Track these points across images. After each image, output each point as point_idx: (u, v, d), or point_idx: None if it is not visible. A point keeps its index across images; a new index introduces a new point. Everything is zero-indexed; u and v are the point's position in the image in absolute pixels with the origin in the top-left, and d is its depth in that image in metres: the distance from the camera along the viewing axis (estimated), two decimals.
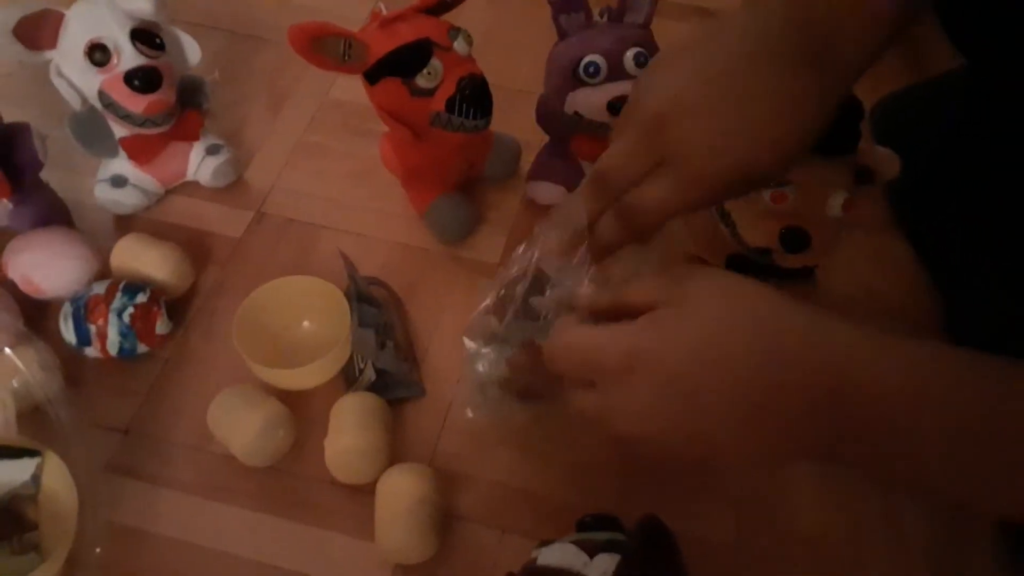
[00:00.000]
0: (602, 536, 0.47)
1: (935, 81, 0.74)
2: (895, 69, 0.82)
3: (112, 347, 0.61)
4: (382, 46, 0.61)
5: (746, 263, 0.59)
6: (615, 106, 0.61)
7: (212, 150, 0.73)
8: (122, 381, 0.63)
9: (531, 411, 0.54)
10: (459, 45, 0.62)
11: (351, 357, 0.62)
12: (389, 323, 0.60)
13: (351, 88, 0.65)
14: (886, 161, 0.54)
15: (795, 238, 0.54)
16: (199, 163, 0.73)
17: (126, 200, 0.71)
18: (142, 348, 0.62)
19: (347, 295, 0.62)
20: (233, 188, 0.75)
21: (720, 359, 0.37)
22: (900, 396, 0.36)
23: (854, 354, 0.37)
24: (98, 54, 0.65)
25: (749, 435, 0.37)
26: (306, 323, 0.65)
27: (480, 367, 0.51)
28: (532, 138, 0.72)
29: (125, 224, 0.72)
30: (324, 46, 0.60)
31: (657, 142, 0.43)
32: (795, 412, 0.36)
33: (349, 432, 0.56)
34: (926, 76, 0.78)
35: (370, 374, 0.61)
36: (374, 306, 0.60)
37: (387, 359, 0.60)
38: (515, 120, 0.71)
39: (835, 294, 0.65)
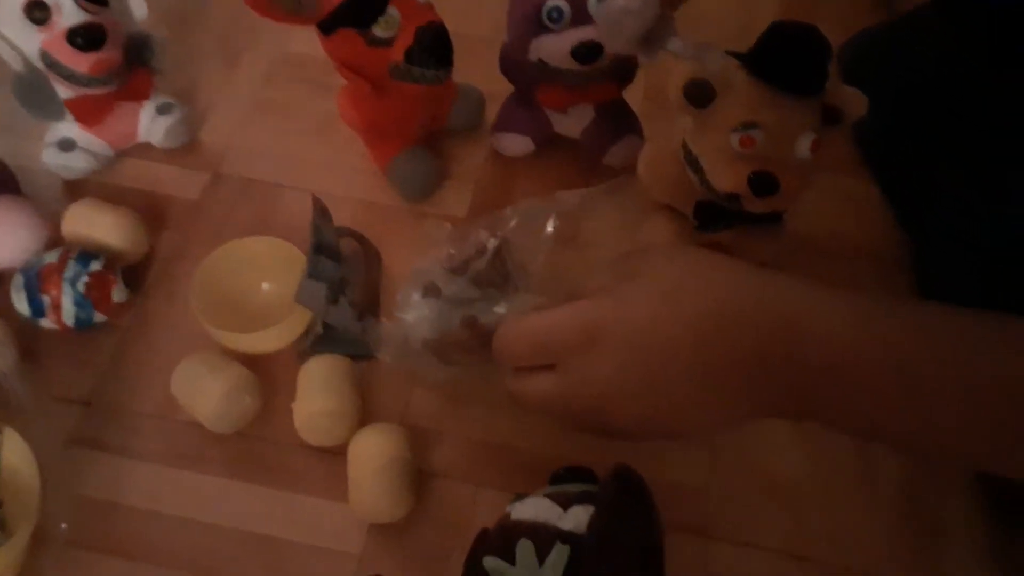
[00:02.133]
0: (576, 488, 0.47)
1: (904, 19, 0.74)
2: (864, 7, 0.81)
3: (68, 318, 0.60)
4: None
5: (715, 209, 0.59)
6: (579, 52, 0.60)
7: (163, 109, 0.71)
8: (80, 352, 0.62)
9: (449, 372, 0.55)
10: None
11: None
12: (347, 278, 0.59)
13: (309, 41, 0.63)
14: (853, 101, 0.54)
15: (764, 182, 0.53)
16: (150, 123, 0.71)
17: (75, 164, 0.69)
18: (99, 317, 0.61)
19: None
20: (188, 148, 0.73)
21: (676, 322, 0.38)
22: (853, 350, 0.36)
23: (806, 311, 0.37)
24: (37, 11, 0.62)
25: (709, 396, 0.38)
26: (265, 285, 0.64)
27: (410, 317, 0.52)
28: (497, 88, 0.71)
29: (76, 189, 0.70)
30: None
31: None
32: (752, 370, 0.37)
33: (318, 395, 0.56)
34: (896, 14, 0.78)
35: (317, 328, 0.60)
36: (333, 259, 0.59)
37: (337, 315, 0.59)
38: (478, 69, 0.70)
39: (802, 237, 0.65)
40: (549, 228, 0.53)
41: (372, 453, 0.54)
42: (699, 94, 0.53)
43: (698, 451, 0.58)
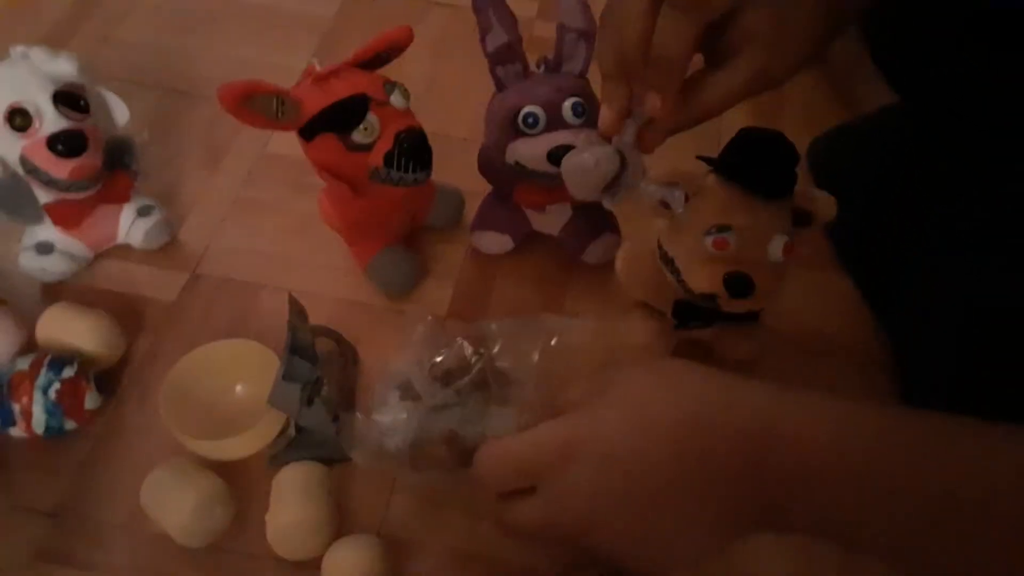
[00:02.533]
0: None
1: (871, 118, 0.76)
2: (828, 108, 0.85)
3: (38, 426, 0.59)
4: (316, 103, 0.61)
5: (693, 309, 0.60)
6: (555, 156, 0.62)
7: (143, 211, 0.72)
8: (49, 461, 0.60)
9: (425, 476, 0.55)
10: (396, 99, 0.62)
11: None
12: (322, 379, 0.59)
13: (289, 142, 0.64)
14: (824, 204, 0.55)
15: (739, 283, 0.54)
16: (130, 225, 0.71)
17: (53, 268, 0.69)
18: (70, 425, 0.60)
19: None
20: (167, 249, 0.73)
21: (647, 434, 0.38)
22: (826, 452, 0.36)
23: (779, 414, 0.37)
24: (18, 119, 0.63)
25: (690, 506, 0.38)
26: (239, 388, 0.64)
27: (386, 419, 0.52)
28: (476, 187, 0.72)
29: (53, 291, 0.69)
30: (256, 104, 0.59)
31: None
32: (729, 475, 0.37)
33: (292, 505, 0.55)
34: (856, 112, 0.81)
35: (291, 431, 0.59)
36: (309, 359, 0.58)
37: (311, 417, 0.58)
38: (458, 169, 0.71)
39: (781, 334, 0.66)
40: (535, 358, 0.53)
41: (347, 568, 0.52)
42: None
43: None
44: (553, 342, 0.54)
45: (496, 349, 0.54)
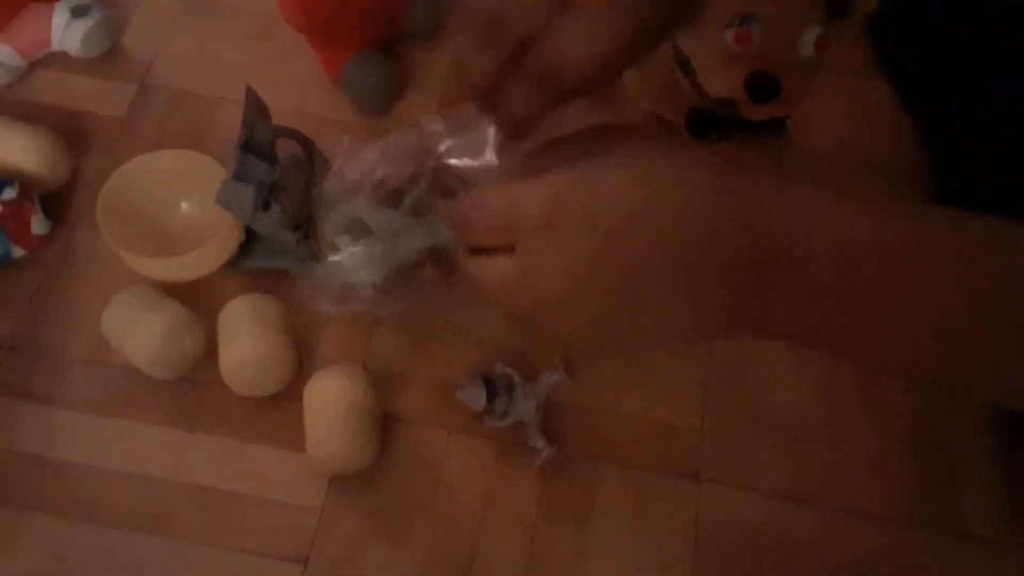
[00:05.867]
0: None
1: None
2: None
3: None
4: None
5: (709, 117, 0.56)
6: None
7: (78, 11, 0.66)
8: (0, 291, 0.59)
9: (401, 306, 0.53)
10: None
11: None
12: (282, 184, 0.56)
13: None
14: None
15: (763, 85, 0.51)
16: (64, 28, 0.66)
17: None
18: (18, 252, 0.58)
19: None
20: (109, 57, 0.68)
21: (656, 215, 0.35)
22: (837, 254, 0.35)
23: (793, 206, 0.36)
24: None
25: (681, 298, 0.36)
26: (184, 205, 0.61)
27: (345, 261, 0.49)
28: None
29: None
30: None
31: None
32: (730, 273, 0.35)
33: (241, 339, 0.54)
34: None
35: (240, 234, 0.58)
36: (266, 160, 0.55)
37: (266, 223, 0.55)
38: None
39: (809, 150, 0.63)
40: (489, 154, 0.45)
41: (330, 399, 0.52)
42: None
43: (689, 386, 0.57)
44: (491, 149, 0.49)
45: (445, 147, 0.49)
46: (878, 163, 0.64)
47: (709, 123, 0.57)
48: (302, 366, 0.56)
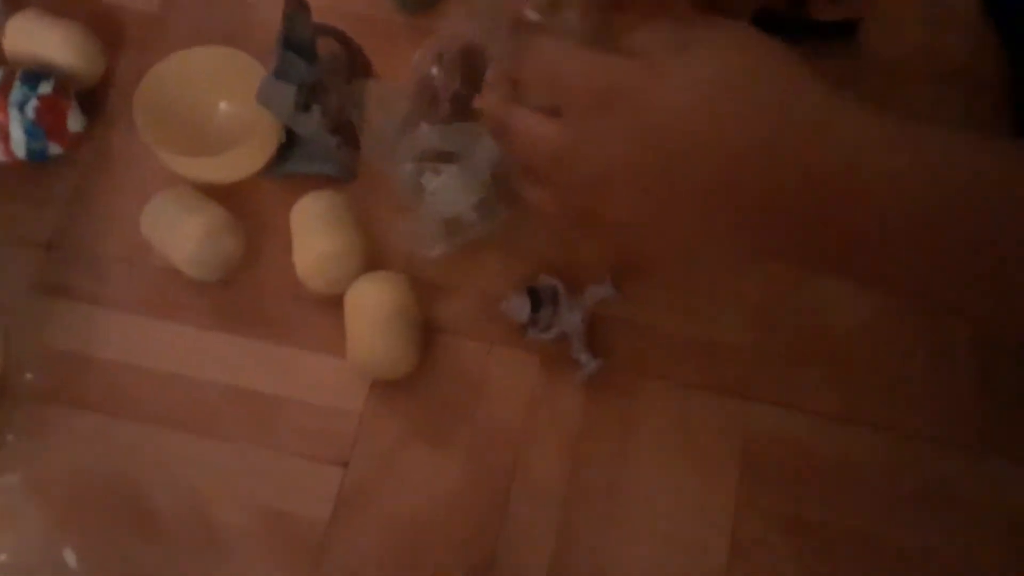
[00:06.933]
0: None
1: None
2: None
3: (18, 148, 0.56)
4: None
5: (777, 18, 0.53)
6: None
7: None
8: (37, 189, 0.58)
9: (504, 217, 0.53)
10: None
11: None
12: (324, 84, 0.55)
13: None
14: None
15: None
16: None
17: None
18: (55, 149, 0.57)
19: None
20: None
21: (715, 125, 0.34)
22: (889, 184, 0.33)
23: (867, 145, 0.34)
24: None
25: (722, 208, 0.36)
26: (223, 105, 0.60)
27: (440, 195, 0.50)
28: None
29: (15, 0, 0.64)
30: None
31: None
32: (783, 197, 0.34)
33: (320, 235, 0.53)
34: None
35: (280, 137, 0.57)
36: (307, 59, 0.54)
37: (307, 124, 0.54)
38: None
39: (883, 57, 0.60)
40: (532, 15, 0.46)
41: (373, 304, 0.52)
42: None
43: (740, 306, 0.56)
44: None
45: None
46: (956, 73, 0.61)
47: (775, 24, 0.54)
48: None
